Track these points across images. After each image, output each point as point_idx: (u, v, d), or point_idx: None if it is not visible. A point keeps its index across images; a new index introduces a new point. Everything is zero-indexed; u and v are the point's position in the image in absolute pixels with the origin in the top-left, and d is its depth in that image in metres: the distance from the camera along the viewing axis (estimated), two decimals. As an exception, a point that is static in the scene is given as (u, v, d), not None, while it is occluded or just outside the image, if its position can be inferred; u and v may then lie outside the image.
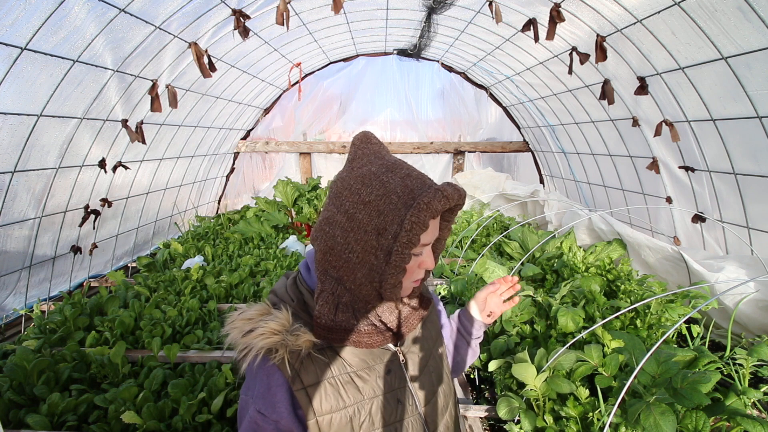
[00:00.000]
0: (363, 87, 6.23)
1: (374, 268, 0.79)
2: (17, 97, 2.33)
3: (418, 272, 0.85)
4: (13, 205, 2.70)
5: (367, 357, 0.86)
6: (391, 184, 0.79)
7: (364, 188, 0.79)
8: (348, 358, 0.84)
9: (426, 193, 0.77)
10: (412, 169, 0.84)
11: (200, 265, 3.23)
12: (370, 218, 0.78)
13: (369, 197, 0.78)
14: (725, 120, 2.61)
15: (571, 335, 1.90)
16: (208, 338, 2.23)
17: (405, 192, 0.78)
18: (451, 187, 0.80)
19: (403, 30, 5.00)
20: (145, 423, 1.45)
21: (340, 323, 0.82)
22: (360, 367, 0.85)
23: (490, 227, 4.25)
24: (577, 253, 2.96)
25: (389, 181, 0.79)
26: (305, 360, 0.80)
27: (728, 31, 2.24)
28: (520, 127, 6.14)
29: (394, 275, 0.78)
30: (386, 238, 0.77)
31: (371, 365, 0.86)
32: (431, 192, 0.78)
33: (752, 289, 2.22)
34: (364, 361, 0.86)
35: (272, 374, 0.78)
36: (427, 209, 0.76)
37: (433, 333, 1.00)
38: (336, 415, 0.80)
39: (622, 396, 1.09)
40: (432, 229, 0.81)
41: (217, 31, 3.30)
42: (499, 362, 1.72)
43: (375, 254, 0.78)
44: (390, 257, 0.78)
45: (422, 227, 0.76)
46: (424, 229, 0.77)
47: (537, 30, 3.13)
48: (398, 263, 0.78)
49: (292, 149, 6.26)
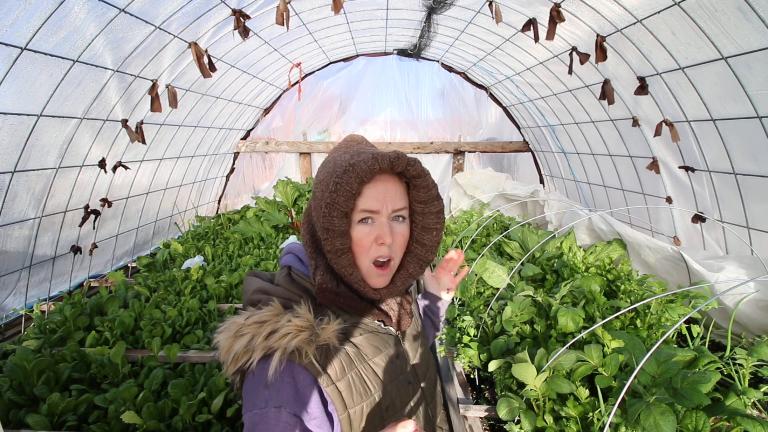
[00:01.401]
0: (363, 87, 6.23)
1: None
2: (17, 97, 2.33)
3: (376, 248, 0.82)
4: (13, 205, 2.70)
5: (379, 344, 0.89)
6: (339, 160, 0.82)
7: (323, 169, 0.86)
8: (363, 347, 0.86)
9: (357, 157, 0.79)
10: (372, 149, 0.87)
11: (200, 265, 3.23)
12: (321, 192, 0.81)
13: (322, 176, 0.84)
14: (725, 120, 2.62)
15: (571, 335, 1.90)
16: (208, 338, 2.23)
17: (344, 161, 0.80)
18: (391, 154, 0.80)
19: (403, 30, 5.00)
20: (145, 423, 1.45)
21: (342, 291, 0.85)
22: (375, 354, 0.86)
23: (490, 227, 4.25)
24: (577, 253, 2.96)
25: (340, 158, 0.83)
26: (328, 355, 0.79)
27: (728, 31, 2.24)
28: (520, 127, 6.14)
29: (329, 241, 0.79)
30: (322, 205, 0.79)
31: (383, 351, 0.88)
32: (361, 155, 0.80)
33: (752, 289, 2.22)
34: (377, 348, 0.88)
35: (298, 375, 0.75)
36: (352, 170, 0.77)
37: (415, 313, 1.08)
38: (366, 404, 0.81)
39: (621, 396, 1.09)
40: (374, 196, 0.81)
41: (217, 31, 3.30)
42: (499, 362, 1.72)
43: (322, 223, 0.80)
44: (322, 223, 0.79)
45: (346, 188, 0.76)
46: (349, 190, 0.77)
47: (537, 30, 3.13)
48: (326, 226, 0.78)
49: (292, 149, 6.26)
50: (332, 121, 6.40)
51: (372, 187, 0.81)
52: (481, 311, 2.35)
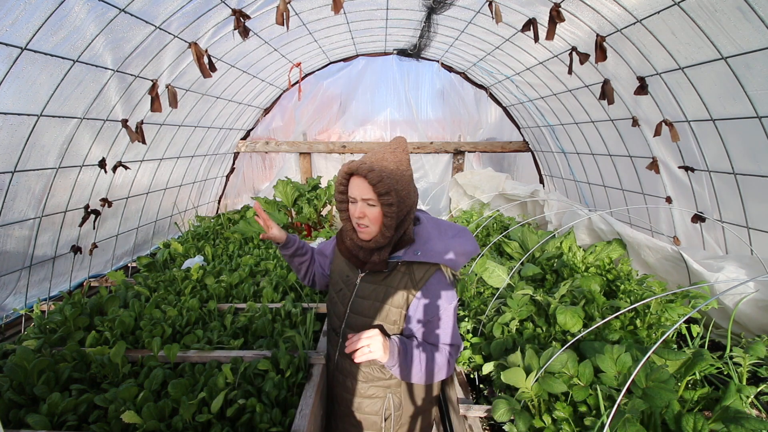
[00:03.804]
0: (363, 87, 6.23)
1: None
2: (17, 97, 2.33)
3: (356, 219, 1.42)
4: (13, 205, 2.70)
5: (345, 264, 1.62)
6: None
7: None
8: (339, 259, 1.67)
9: (348, 164, 1.41)
10: (371, 156, 1.41)
11: (200, 265, 3.23)
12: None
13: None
14: (725, 120, 2.62)
15: (571, 334, 1.90)
16: (208, 338, 2.23)
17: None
18: (354, 164, 1.38)
19: (403, 30, 5.01)
20: (145, 423, 1.45)
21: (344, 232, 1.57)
22: (339, 264, 1.66)
23: (489, 227, 4.25)
24: (576, 253, 2.96)
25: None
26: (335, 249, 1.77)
27: (728, 31, 2.25)
28: (520, 127, 6.14)
29: (336, 204, 1.51)
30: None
31: (346, 267, 1.61)
32: (351, 163, 1.40)
33: (752, 289, 2.22)
34: (344, 263, 1.63)
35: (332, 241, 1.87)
36: (339, 173, 1.44)
37: (390, 295, 1.47)
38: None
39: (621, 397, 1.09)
40: (353, 188, 1.40)
41: (217, 31, 3.31)
42: (494, 365, 1.74)
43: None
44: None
45: (337, 184, 1.46)
46: (337, 184, 1.45)
47: (537, 30, 3.13)
48: (335, 198, 1.49)
49: (292, 149, 6.26)
50: (332, 121, 6.40)
51: (352, 182, 1.41)
52: (481, 311, 2.35)
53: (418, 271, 1.44)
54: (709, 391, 1.42)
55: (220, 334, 2.28)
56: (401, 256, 1.45)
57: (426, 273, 1.43)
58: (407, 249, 1.45)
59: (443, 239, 1.46)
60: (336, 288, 1.62)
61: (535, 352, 1.54)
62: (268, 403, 1.67)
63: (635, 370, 1.15)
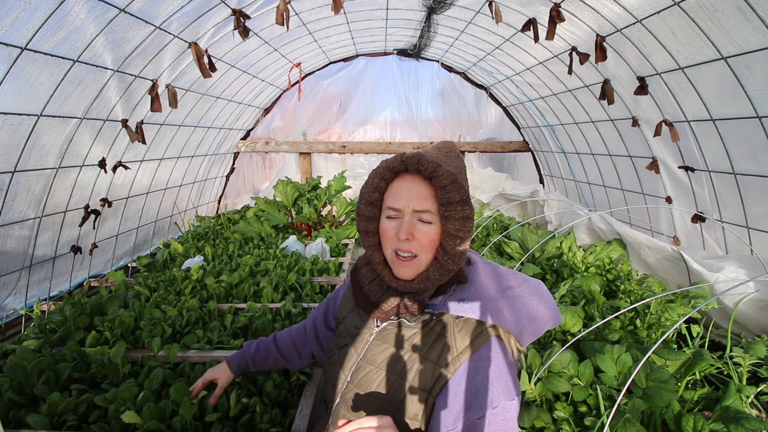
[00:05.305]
0: (363, 87, 6.23)
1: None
2: (17, 97, 2.33)
3: (395, 241, 0.90)
4: (13, 205, 2.70)
5: (363, 319, 1.03)
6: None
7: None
8: (349, 316, 1.08)
9: (388, 159, 0.93)
10: (434, 154, 0.94)
11: (200, 265, 3.23)
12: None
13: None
14: (725, 120, 2.62)
15: (571, 334, 1.90)
16: (208, 338, 2.23)
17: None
18: (406, 153, 0.90)
19: (403, 30, 5.01)
20: (146, 423, 1.45)
21: (363, 270, 1.05)
22: (357, 320, 1.04)
23: (489, 227, 4.25)
24: (576, 253, 2.96)
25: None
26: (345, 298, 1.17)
27: (728, 31, 2.25)
28: (520, 127, 6.14)
29: (359, 223, 0.95)
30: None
31: (361, 325, 1.02)
32: (392, 157, 0.92)
33: (752, 289, 2.22)
34: (354, 321, 1.05)
35: (341, 290, 1.28)
36: (377, 168, 0.93)
37: (411, 365, 0.90)
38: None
39: (621, 397, 1.09)
40: (398, 194, 0.90)
41: (217, 31, 3.31)
42: None
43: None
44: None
45: (370, 182, 0.93)
46: (371, 183, 0.93)
47: (537, 30, 3.13)
48: (357, 211, 0.96)
49: (292, 149, 6.26)
50: (332, 121, 6.40)
51: (396, 186, 0.91)
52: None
53: (459, 333, 0.88)
54: (709, 391, 1.42)
55: (220, 334, 2.28)
56: (437, 305, 0.92)
57: (475, 338, 0.87)
58: (447, 296, 0.92)
59: (506, 291, 0.91)
60: (339, 343, 1.05)
61: (536, 352, 1.54)
62: (269, 403, 1.67)
63: (635, 370, 1.15)
